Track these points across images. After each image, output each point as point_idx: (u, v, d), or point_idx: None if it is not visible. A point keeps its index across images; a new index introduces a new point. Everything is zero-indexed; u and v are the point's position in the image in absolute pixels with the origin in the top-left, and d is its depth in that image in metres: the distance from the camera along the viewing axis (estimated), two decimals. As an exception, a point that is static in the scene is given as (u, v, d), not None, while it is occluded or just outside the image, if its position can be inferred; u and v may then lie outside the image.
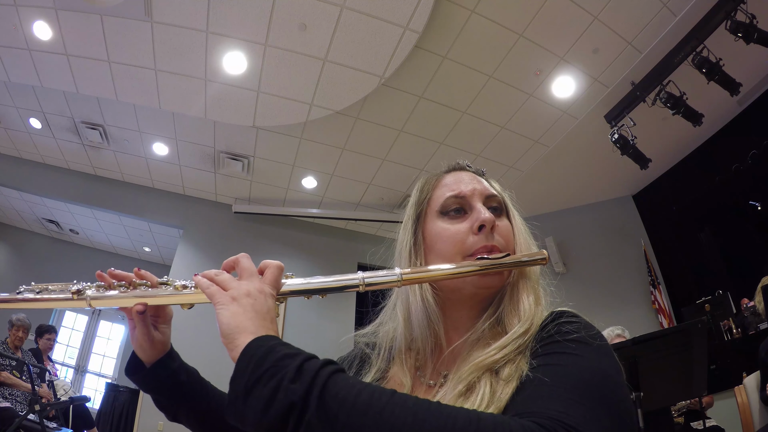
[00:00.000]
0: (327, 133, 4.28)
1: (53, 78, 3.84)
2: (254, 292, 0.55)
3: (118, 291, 0.61)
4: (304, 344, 0.47)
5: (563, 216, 5.22)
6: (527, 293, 0.65)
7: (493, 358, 0.56)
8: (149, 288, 0.62)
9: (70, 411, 3.64)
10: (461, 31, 3.32)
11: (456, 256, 0.66)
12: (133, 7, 3.12)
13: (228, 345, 0.51)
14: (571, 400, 0.44)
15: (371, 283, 0.60)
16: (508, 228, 0.71)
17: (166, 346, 0.70)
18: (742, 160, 3.89)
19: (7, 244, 6.85)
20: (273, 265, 0.60)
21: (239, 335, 0.50)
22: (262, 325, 0.52)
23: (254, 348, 0.48)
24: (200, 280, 0.60)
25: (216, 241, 5.27)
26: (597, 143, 4.17)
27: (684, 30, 3.27)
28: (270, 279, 0.59)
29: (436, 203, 0.72)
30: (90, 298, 0.60)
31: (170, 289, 0.61)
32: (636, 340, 1.87)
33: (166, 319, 0.71)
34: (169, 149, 4.67)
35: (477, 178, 0.76)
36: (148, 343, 0.67)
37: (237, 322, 0.51)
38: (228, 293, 0.55)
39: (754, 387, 2.36)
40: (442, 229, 0.69)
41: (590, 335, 0.53)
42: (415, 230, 0.73)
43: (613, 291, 4.69)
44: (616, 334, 2.70)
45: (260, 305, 0.54)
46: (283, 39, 3.34)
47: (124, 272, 0.66)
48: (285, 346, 0.48)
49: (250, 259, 0.62)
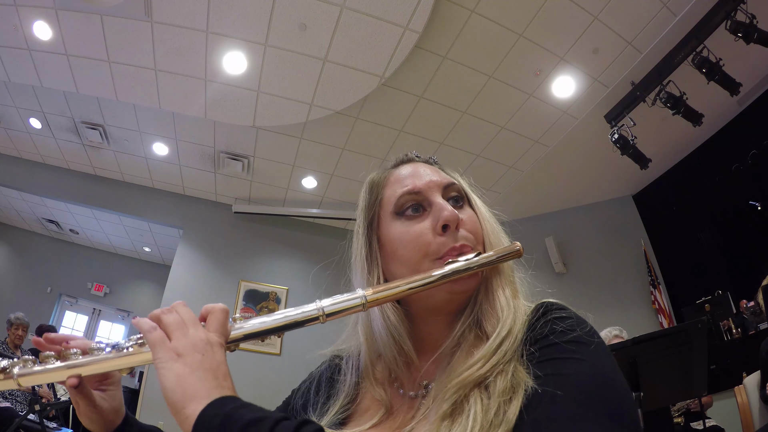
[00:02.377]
0: (327, 133, 4.28)
1: (53, 78, 3.84)
2: (201, 345, 0.47)
3: (46, 365, 0.53)
4: (303, 343, 0.46)
5: (563, 216, 5.22)
6: (502, 288, 0.60)
7: (480, 372, 0.50)
8: (80, 355, 0.53)
9: (70, 411, 3.64)
10: (461, 31, 3.32)
11: (422, 261, 0.60)
12: (133, 7, 3.12)
13: (176, 416, 0.43)
14: (587, 419, 0.42)
15: (332, 311, 0.54)
16: (473, 219, 0.64)
17: (119, 412, 0.61)
18: (742, 160, 3.88)
19: (7, 244, 6.85)
20: (217, 309, 0.52)
21: (189, 403, 0.42)
22: (215, 385, 0.44)
23: (209, 418, 0.41)
24: (141, 322, 0.50)
25: (216, 241, 5.27)
26: (597, 143, 4.17)
27: (684, 30, 3.27)
28: (216, 325, 0.50)
29: (389, 203, 0.65)
30: (17, 375, 0.53)
31: (105, 352, 0.53)
32: (636, 340, 1.87)
33: (113, 381, 0.60)
34: (169, 149, 4.67)
35: (431, 168, 0.68)
36: (96, 415, 0.57)
37: (183, 387, 0.43)
38: (172, 346, 0.47)
39: (754, 387, 2.36)
40: (401, 233, 0.62)
41: (586, 333, 0.50)
42: (369, 238, 0.65)
43: (613, 291, 4.69)
44: (614, 335, 2.70)
45: (209, 361, 0.46)
46: (283, 39, 3.34)
47: (61, 335, 0.57)
48: (246, 409, 0.42)
49: (187, 306, 0.53)
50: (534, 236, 5.01)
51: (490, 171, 4.66)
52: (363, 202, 0.69)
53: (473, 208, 0.67)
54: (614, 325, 2.79)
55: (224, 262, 5.19)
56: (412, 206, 0.63)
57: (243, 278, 5.13)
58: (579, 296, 4.71)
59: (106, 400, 0.59)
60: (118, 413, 0.61)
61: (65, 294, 7.10)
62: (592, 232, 5.05)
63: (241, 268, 5.20)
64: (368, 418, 0.61)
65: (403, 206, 0.64)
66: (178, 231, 5.38)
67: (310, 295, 2.46)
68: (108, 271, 7.36)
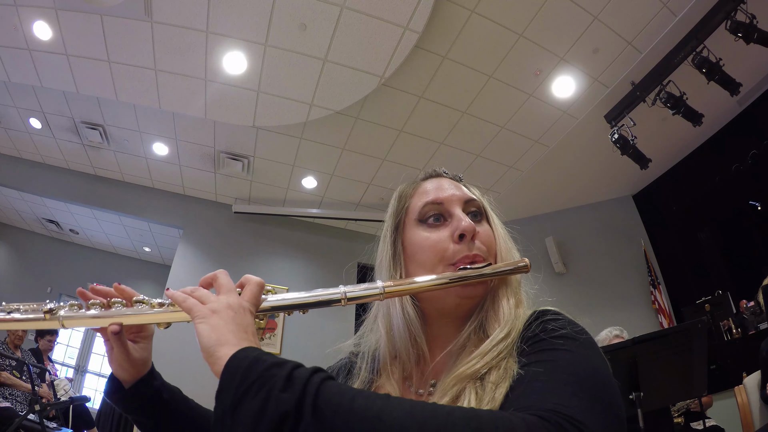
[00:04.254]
0: (327, 133, 4.28)
1: (53, 78, 3.84)
2: (235, 306, 0.53)
3: (92, 310, 0.58)
4: (304, 343, 0.47)
5: (563, 216, 5.22)
6: (507, 298, 0.65)
7: (475, 367, 0.55)
8: (124, 306, 0.59)
9: (70, 411, 3.64)
10: (461, 31, 3.32)
11: (437, 265, 0.65)
12: (133, 7, 3.12)
13: (209, 359, 0.48)
14: (567, 392, 0.44)
15: (353, 297, 0.59)
16: (488, 233, 0.70)
17: (147, 364, 0.67)
18: (742, 160, 3.89)
19: (7, 244, 6.85)
20: (253, 281, 0.58)
21: (221, 348, 0.48)
22: (245, 338, 0.50)
23: (239, 360, 0.46)
24: (175, 294, 0.56)
25: (216, 241, 5.27)
26: (597, 143, 4.17)
27: (684, 30, 3.27)
28: (249, 295, 0.57)
29: (414, 211, 0.71)
30: (63, 318, 0.57)
31: (146, 307, 0.58)
32: (636, 340, 1.87)
33: (147, 335, 0.68)
34: (169, 149, 4.67)
35: (455, 184, 0.75)
36: (127, 362, 0.64)
37: (218, 334, 0.49)
38: (207, 306, 0.53)
39: (754, 387, 2.36)
40: (422, 238, 0.68)
41: (575, 331, 0.54)
42: (394, 240, 0.71)
43: (613, 291, 4.69)
44: (614, 335, 2.69)
45: (240, 319, 0.52)
46: (283, 39, 3.34)
47: (106, 288, 0.63)
48: (270, 356, 0.46)
49: (229, 275, 0.59)
50: (534, 236, 5.01)
51: (490, 171, 4.66)
52: (391, 208, 0.75)
53: (490, 225, 0.73)
54: (614, 325, 2.78)
55: (224, 262, 5.18)
56: (434, 216, 0.70)
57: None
58: (579, 296, 4.72)
59: (138, 351, 0.66)
60: (146, 364, 0.67)
61: (65, 294, 7.09)
62: (592, 232, 5.06)
63: (241, 268, 5.20)
64: None
65: (426, 215, 0.70)
66: (178, 231, 5.38)
67: (310, 295, 2.37)
68: (108, 271, 7.35)
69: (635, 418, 1.82)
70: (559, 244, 5.02)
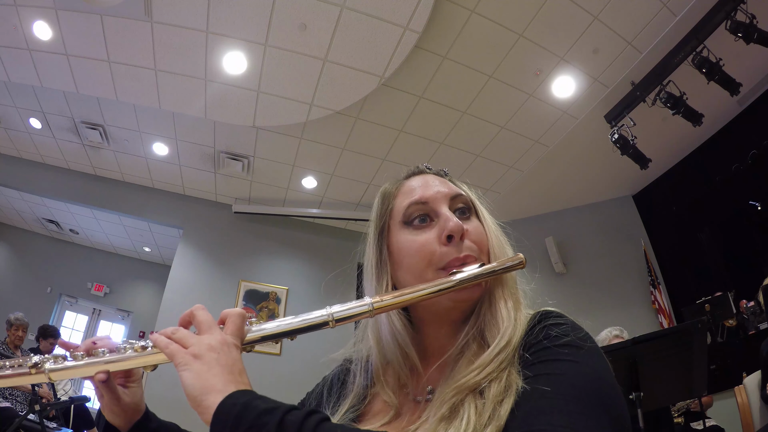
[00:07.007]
0: (327, 133, 4.28)
1: (53, 78, 3.84)
2: (217, 345, 0.51)
3: (76, 361, 0.58)
4: (305, 344, 0.46)
5: (563, 216, 5.22)
6: (505, 300, 0.61)
7: (476, 379, 0.53)
8: (108, 353, 0.58)
9: (71, 411, 3.64)
10: (461, 31, 3.32)
11: (426, 270, 0.62)
12: (133, 7, 3.12)
13: (197, 409, 0.47)
14: (574, 411, 0.43)
15: (341, 318, 0.57)
16: (479, 230, 0.66)
17: (140, 407, 0.66)
18: (742, 160, 3.89)
19: (7, 244, 6.85)
20: (234, 314, 0.56)
21: (207, 396, 0.46)
22: (231, 381, 0.48)
23: (227, 408, 0.44)
24: (158, 338, 0.54)
25: (216, 241, 5.27)
26: (597, 143, 4.17)
27: (684, 30, 3.27)
28: (233, 328, 0.55)
29: (398, 213, 0.67)
30: (49, 370, 0.57)
31: (131, 351, 0.57)
32: (636, 340, 1.87)
33: (136, 378, 0.66)
34: (169, 149, 4.67)
35: (440, 180, 0.70)
36: (119, 408, 0.63)
37: (202, 381, 0.47)
38: (189, 351, 0.51)
39: (755, 387, 2.36)
40: (407, 242, 0.64)
41: (579, 337, 0.52)
42: (379, 246, 0.67)
43: (613, 291, 4.68)
44: (614, 335, 2.69)
45: (225, 359, 0.50)
46: (283, 39, 3.34)
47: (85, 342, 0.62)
48: (261, 400, 0.45)
49: (206, 310, 0.57)
50: (534, 236, 5.01)
51: (490, 171, 4.66)
52: (375, 212, 0.71)
53: (480, 220, 0.68)
54: (614, 325, 2.78)
55: (224, 262, 5.19)
56: (420, 216, 0.66)
57: (243, 278, 5.12)
58: (579, 296, 4.72)
59: (129, 396, 0.64)
60: (139, 408, 0.65)
61: (65, 294, 7.09)
62: (592, 232, 5.06)
63: (241, 268, 5.20)
64: (378, 419, 0.63)
65: (410, 216, 0.66)
66: (178, 231, 5.38)
67: (310, 295, 2.51)
68: (108, 271, 7.35)
69: (635, 418, 1.82)
70: (559, 244, 5.02)
